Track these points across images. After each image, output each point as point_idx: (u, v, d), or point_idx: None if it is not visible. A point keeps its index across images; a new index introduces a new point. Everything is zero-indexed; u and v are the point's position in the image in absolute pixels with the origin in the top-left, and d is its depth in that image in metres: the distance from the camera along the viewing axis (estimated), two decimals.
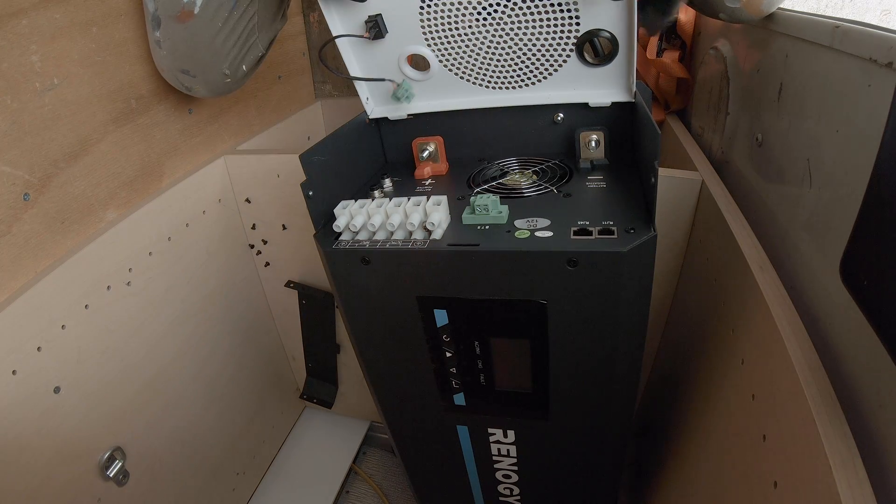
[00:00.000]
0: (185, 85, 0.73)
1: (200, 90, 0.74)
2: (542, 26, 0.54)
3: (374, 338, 0.59)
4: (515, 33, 0.55)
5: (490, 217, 0.51)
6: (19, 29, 0.59)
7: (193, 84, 0.73)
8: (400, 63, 0.61)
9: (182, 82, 0.73)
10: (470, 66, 0.60)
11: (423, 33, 0.58)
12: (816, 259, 0.47)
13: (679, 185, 0.67)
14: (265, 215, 0.94)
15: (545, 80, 0.60)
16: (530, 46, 0.57)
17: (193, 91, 0.74)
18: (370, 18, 0.57)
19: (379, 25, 0.57)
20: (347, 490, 1.11)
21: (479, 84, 0.62)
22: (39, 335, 0.61)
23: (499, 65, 0.59)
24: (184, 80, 0.72)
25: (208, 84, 0.73)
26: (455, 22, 0.56)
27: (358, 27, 0.58)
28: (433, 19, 0.56)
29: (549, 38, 0.55)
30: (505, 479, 0.73)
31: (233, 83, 0.76)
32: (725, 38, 0.75)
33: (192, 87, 0.73)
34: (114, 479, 0.70)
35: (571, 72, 0.58)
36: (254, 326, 1.03)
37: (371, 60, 0.62)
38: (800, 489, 0.36)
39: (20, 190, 0.61)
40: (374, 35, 0.57)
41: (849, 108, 0.43)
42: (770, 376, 0.44)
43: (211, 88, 0.74)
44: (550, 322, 0.51)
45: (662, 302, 0.78)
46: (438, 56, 0.59)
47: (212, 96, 0.77)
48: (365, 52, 0.61)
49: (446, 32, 0.57)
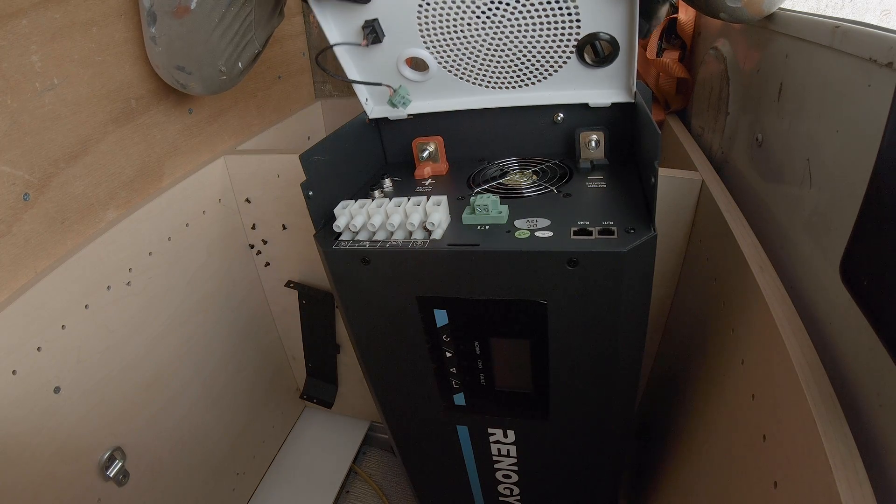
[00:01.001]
0: (181, 82, 0.73)
1: (196, 87, 0.74)
2: (542, 28, 0.54)
3: (374, 338, 0.59)
4: (515, 35, 0.55)
5: (490, 217, 0.51)
6: (19, 29, 0.59)
7: (189, 81, 0.72)
8: (398, 65, 0.60)
9: (177, 79, 0.73)
10: (469, 67, 0.60)
11: (422, 35, 0.57)
12: (816, 259, 0.47)
13: (679, 185, 0.67)
14: (265, 215, 0.94)
15: (545, 81, 0.59)
16: (530, 48, 0.56)
17: (189, 88, 0.74)
18: (367, 24, 0.56)
19: (376, 30, 0.56)
20: (347, 490, 1.11)
21: (479, 84, 0.62)
22: (39, 335, 0.61)
23: (498, 65, 0.59)
24: (179, 76, 0.72)
25: (204, 81, 0.73)
26: (454, 23, 0.56)
27: (354, 31, 0.58)
28: (431, 21, 0.56)
29: (550, 40, 0.55)
30: (505, 479, 0.73)
31: (228, 80, 0.76)
32: (725, 38, 0.75)
33: (187, 85, 0.73)
34: (114, 479, 0.70)
35: (571, 72, 0.58)
36: (254, 326, 1.03)
37: (369, 63, 0.61)
38: (800, 489, 0.36)
39: (20, 190, 0.61)
40: (372, 40, 0.57)
41: (849, 108, 0.43)
42: (770, 376, 0.44)
43: (206, 86, 0.74)
44: (550, 322, 0.51)
45: (662, 302, 0.78)
46: (437, 57, 0.59)
47: (207, 94, 0.76)
48: (362, 56, 0.61)
49: (445, 34, 0.57)
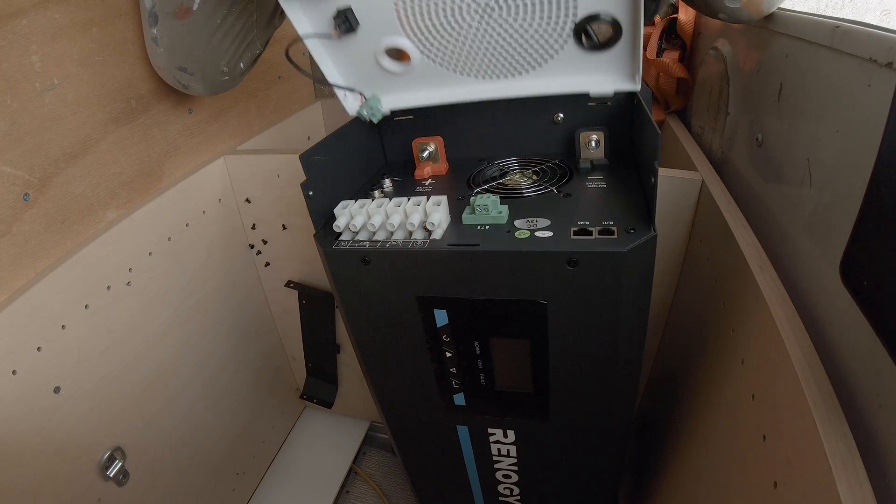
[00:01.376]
0: (182, 83, 0.73)
1: (197, 88, 0.74)
2: (535, 8, 0.49)
3: (374, 338, 0.59)
4: (504, 17, 0.51)
5: (490, 217, 0.51)
6: (19, 29, 0.59)
7: (191, 82, 0.72)
8: (378, 57, 0.56)
9: (179, 80, 0.73)
10: (456, 56, 0.55)
11: (401, 23, 0.53)
12: (816, 259, 0.47)
13: (679, 185, 0.67)
14: (265, 215, 0.94)
15: (540, 68, 0.55)
16: (521, 31, 0.52)
17: (190, 89, 0.74)
18: (338, 13, 0.52)
19: (349, 20, 0.52)
20: (347, 490, 1.11)
21: (467, 74, 0.57)
22: (39, 335, 0.61)
23: (487, 52, 0.54)
24: (181, 77, 0.72)
25: (206, 82, 0.73)
26: (436, 6, 0.51)
27: (326, 22, 0.53)
28: (411, 6, 0.51)
29: (544, 22, 0.50)
30: (505, 479, 0.73)
31: (230, 81, 0.76)
32: (725, 38, 0.75)
33: (189, 85, 0.73)
34: (114, 479, 0.70)
35: (569, 58, 0.53)
36: (254, 326, 1.03)
37: (345, 57, 0.57)
38: (800, 489, 0.36)
39: (20, 190, 0.61)
40: (345, 30, 0.53)
41: (849, 108, 0.43)
42: (770, 376, 0.44)
43: (208, 86, 0.74)
44: (550, 322, 0.51)
45: (662, 302, 0.78)
46: (419, 46, 0.55)
47: (208, 94, 0.76)
48: (337, 49, 0.56)
49: (426, 19, 0.52)
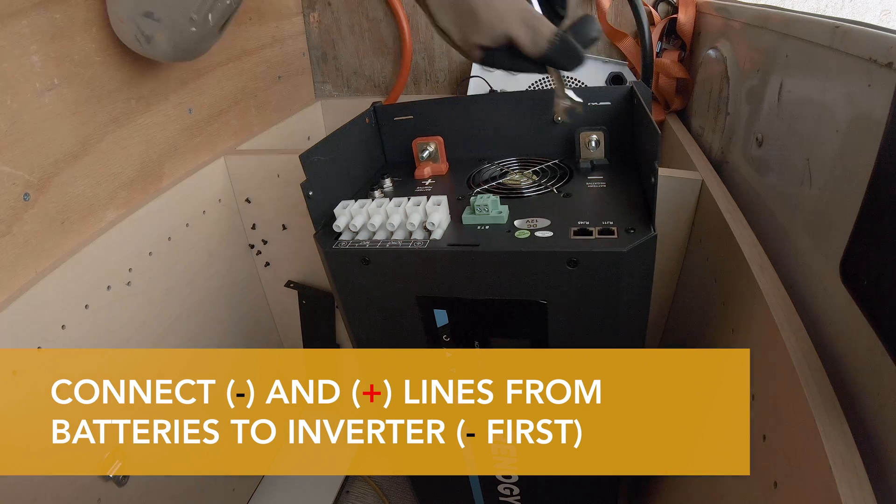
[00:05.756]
0: (146, 33, 0.66)
1: (162, 42, 0.66)
2: None
3: (374, 338, 0.59)
4: None
5: (490, 217, 0.51)
6: (19, 29, 0.59)
7: (156, 31, 0.65)
8: None
9: (143, 29, 0.65)
10: None
11: None
12: (816, 259, 0.47)
13: (679, 185, 0.67)
14: (265, 215, 0.94)
15: None
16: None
17: (154, 43, 0.66)
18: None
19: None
20: (347, 490, 1.11)
21: None
22: (39, 335, 0.61)
23: None
24: (145, 26, 0.65)
25: (172, 32, 0.66)
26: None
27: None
28: None
29: None
30: (505, 479, 0.73)
31: (198, 37, 0.69)
32: (725, 38, 0.75)
33: (153, 36, 0.66)
34: (114, 479, 0.70)
35: None
36: (254, 326, 1.03)
37: None
38: (800, 489, 0.36)
39: (20, 190, 0.61)
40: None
41: (849, 108, 0.43)
42: (770, 376, 0.44)
43: (175, 41, 0.67)
44: (550, 322, 0.51)
45: (662, 302, 0.78)
46: None
47: (174, 55, 0.69)
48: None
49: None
